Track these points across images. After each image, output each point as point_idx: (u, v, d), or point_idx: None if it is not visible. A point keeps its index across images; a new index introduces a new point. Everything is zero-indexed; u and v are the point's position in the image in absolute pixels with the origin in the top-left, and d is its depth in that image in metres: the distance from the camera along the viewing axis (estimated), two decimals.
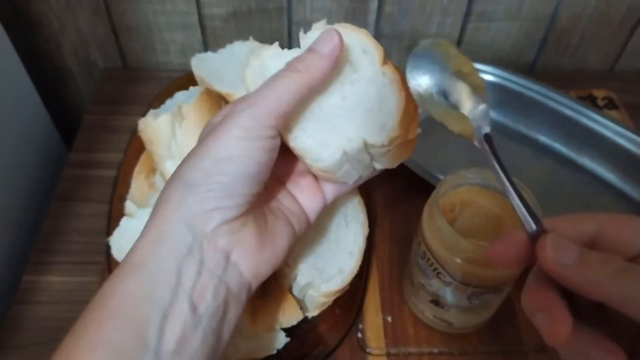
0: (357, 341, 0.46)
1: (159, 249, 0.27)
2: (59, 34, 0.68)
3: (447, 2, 0.65)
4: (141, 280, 0.26)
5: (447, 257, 0.39)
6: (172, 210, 0.27)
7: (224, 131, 0.28)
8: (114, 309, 0.25)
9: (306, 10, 0.66)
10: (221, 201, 0.27)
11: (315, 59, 0.29)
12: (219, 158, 0.27)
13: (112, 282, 0.26)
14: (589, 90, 0.67)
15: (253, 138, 0.28)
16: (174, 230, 0.27)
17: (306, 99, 0.30)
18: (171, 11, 0.66)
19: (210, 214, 0.27)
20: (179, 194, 0.28)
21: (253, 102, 0.28)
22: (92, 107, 0.66)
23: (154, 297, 0.25)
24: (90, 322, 0.25)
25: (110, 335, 0.24)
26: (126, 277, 0.26)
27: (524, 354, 0.46)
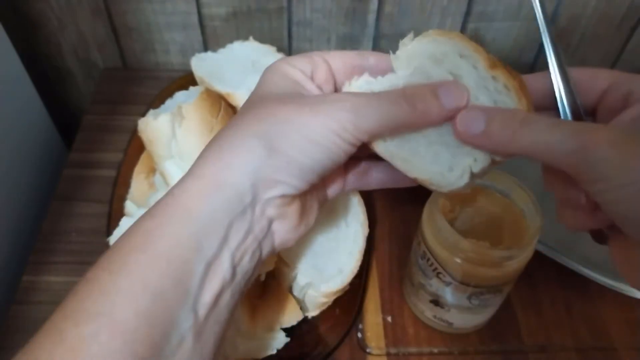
0: (357, 341, 0.46)
1: (216, 198, 0.26)
2: (59, 34, 0.68)
3: (447, 2, 0.65)
4: (192, 228, 0.25)
5: (447, 257, 0.39)
6: (244, 162, 0.26)
7: (324, 116, 0.27)
8: (160, 253, 0.24)
9: (306, 10, 0.66)
10: (291, 178, 0.27)
11: (436, 107, 0.27)
12: (310, 139, 0.26)
13: (159, 221, 0.25)
14: None
15: (344, 140, 0.27)
16: (238, 185, 0.26)
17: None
18: (171, 11, 0.66)
19: (276, 184, 0.27)
20: (258, 149, 0.26)
21: (359, 108, 0.27)
22: (92, 107, 0.66)
23: (201, 247, 0.25)
24: (132, 263, 0.24)
25: (153, 280, 0.23)
26: (176, 220, 0.25)
27: (524, 353, 0.46)
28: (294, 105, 0.27)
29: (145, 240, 0.25)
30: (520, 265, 0.38)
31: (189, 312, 0.24)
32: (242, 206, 0.26)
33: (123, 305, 0.23)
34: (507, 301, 0.47)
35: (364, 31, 0.68)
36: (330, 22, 0.67)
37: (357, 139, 0.27)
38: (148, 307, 0.23)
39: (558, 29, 0.69)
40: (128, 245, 0.25)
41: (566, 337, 0.47)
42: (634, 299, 0.45)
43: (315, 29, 0.68)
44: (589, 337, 0.47)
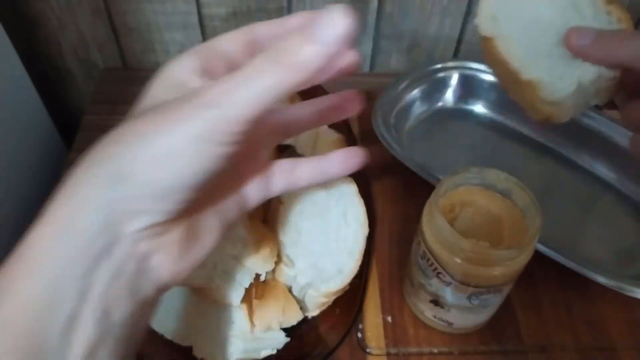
0: (357, 341, 0.46)
1: (66, 246, 0.21)
2: (59, 34, 0.68)
3: (447, 2, 0.65)
4: (39, 288, 0.21)
5: (447, 257, 0.39)
6: (89, 199, 0.22)
7: (176, 123, 0.22)
8: (8, 318, 0.21)
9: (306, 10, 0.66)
10: (153, 203, 0.22)
11: (310, 52, 0.21)
12: (163, 154, 0.22)
13: (9, 276, 0.21)
14: None
15: (213, 143, 0.22)
16: (89, 226, 0.22)
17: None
18: (171, 11, 0.66)
19: (136, 215, 0.22)
20: (102, 181, 0.22)
21: (220, 101, 0.22)
22: (92, 107, 0.66)
23: (55, 308, 0.21)
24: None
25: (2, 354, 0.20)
26: (20, 281, 0.21)
27: (524, 353, 0.46)
28: (148, 120, 0.23)
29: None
30: (520, 265, 0.38)
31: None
32: (101, 248, 0.22)
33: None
34: (507, 301, 0.47)
35: (364, 31, 0.68)
36: None
37: (231, 135, 0.22)
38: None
39: None
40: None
41: (566, 337, 0.47)
42: (634, 299, 0.45)
43: None
44: (589, 337, 0.47)
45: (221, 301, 0.41)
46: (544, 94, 0.32)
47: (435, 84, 0.62)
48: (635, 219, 0.54)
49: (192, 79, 0.25)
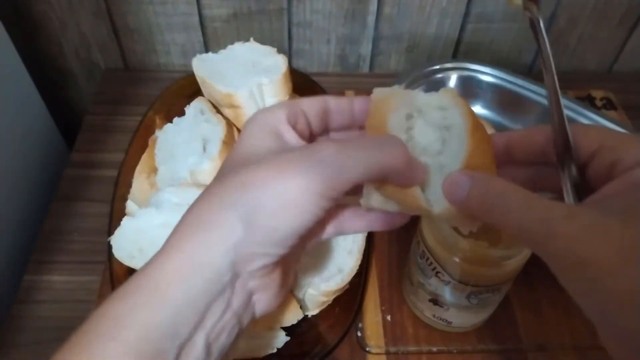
0: (356, 340, 0.47)
1: (193, 281, 0.24)
2: (61, 35, 0.68)
3: (446, 4, 0.66)
4: (165, 314, 0.23)
5: (446, 257, 0.39)
6: (222, 240, 0.24)
7: (297, 176, 0.24)
8: (129, 342, 0.22)
9: (306, 12, 0.66)
10: (272, 248, 0.25)
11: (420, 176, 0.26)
12: (284, 203, 0.24)
13: (131, 305, 0.23)
14: (587, 91, 0.68)
15: (325, 197, 0.24)
16: (217, 264, 0.24)
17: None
18: (172, 12, 0.66)
19: (256, 257, 0.25)
20: (236, 224, 0.24)
21: (339, 164, 0.24)
22: (94, 107, 0.67)
23: (175, 332, 0.23)
24: (99, 352, 0.22)
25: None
26: (149, 305, 0.23)
27: (523, 352, 0.46)
28: (269, 168, 0.25)
29: (115, 326, 0.23)
30: (519, 265, 0.39)
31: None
32: (221, 285, 0.24)
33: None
34: (506, 300, 0.47)
35: (364, 32, 0.69)
36: (330, 23, 0.68)
37: (343, 190, 0.25)
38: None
39: (557, 29, 0.69)
40: (96, 330, 0.23)
41: (564, 336, 0.47)
42: None
43: (315, 30, 0.68)
44: (587, 336, 0.47)
45: None
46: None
47: (434, 85, 0.62)
48: None
49: (286, 129, 0.28)
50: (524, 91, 0.61)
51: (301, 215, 0.24)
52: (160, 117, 0.55)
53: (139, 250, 0.41)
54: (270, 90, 0.46)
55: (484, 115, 0.63)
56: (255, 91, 0.46)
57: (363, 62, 0.73)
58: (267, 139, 0.27)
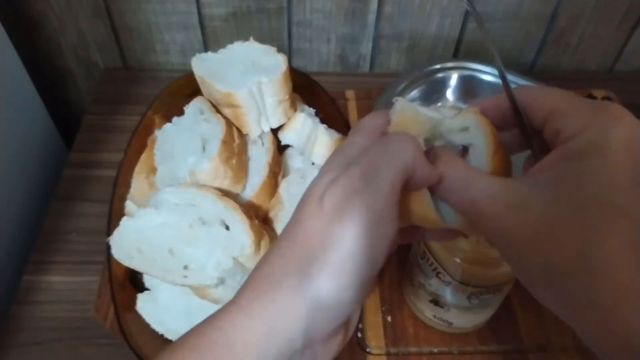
0: (357, 341, 0.46)
1: (268, 347, 0.23)
2: (60, 34, 0.68)
3: (447, 3, 0.65)
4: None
5: (447, 257, 0.39)
6: (297, 310, 0.24)
7: (351, 215, 0.23)
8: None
9: (306, 11, 0.66)
10: (345, 310, 0.25)
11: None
12: (357, 251, 0.23)
13: (203, 359, 0.23)
14: (588, 90, 0.67)
15: (383, 223, 0.24)
16: (292, 333, 0.24)
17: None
18: (171, 11, 0.66)
19: (329, 323, 0.25)
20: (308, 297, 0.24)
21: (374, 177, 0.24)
22: (93, 107, 0.66)
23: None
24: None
25: None
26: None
27: (523, 353, 0.46)
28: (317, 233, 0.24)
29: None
30: None
31: None
32: (292, 352, 0.24)
33: None
34: (507, 301, 0.47)
35: (364, 31, 0.69)
36: (330, 23, 0.67)
37: (394, 204, 0.25)
38: None
39: (557, 29, 0.69)
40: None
41: (565, 337, 0.47)
42: None
43: (315, 29, 0.68)
44: None
45: (222, 301, 0.41)
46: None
47: (434, 84, 0.62)
48: None
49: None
50: None
51: (369, 256, 0.24)
52: (160, 117, 0.54)
53: (138, 250, 0.41)
54: (270, 90, 0.46)
55: None
56: (254, 90, 0.46)
57: (363, 61, 0.72)
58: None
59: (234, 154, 0.45)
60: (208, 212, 0.41)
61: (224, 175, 0.43)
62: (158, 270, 0.40)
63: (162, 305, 0.43)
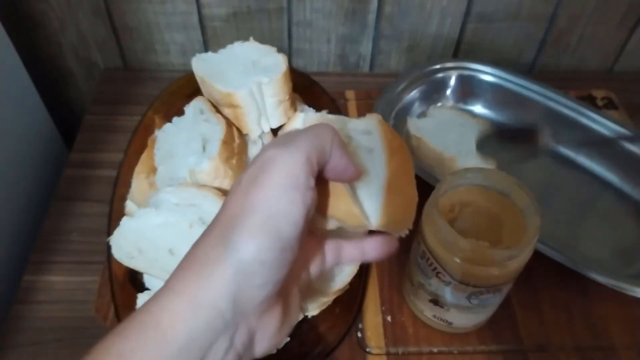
0: (357, 340, 0.46)
1: (195, 320, 0.24)
2: (60, 34, 0.68)
3: (447, 3, 0.65)
4: (166, 352, 0.23)
5: (447, 257, 0.39)
6: (221, 278, 0.24)
7: (266, 180, 0.25)
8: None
9: (306, 11, 0.66)
10: (271, 274, 0.25)
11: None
12: (273, 213, 0.25)
13: (133, 344, 0.23)
14: (588, 90, 0.67)
15: (298, 187, 0.25)
16: (219, 303, 0.24)
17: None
18: (171, 11, 0.66)
19: (257, 290, 0.25)
20: (231, 262, 0.24)
21: (300, 142, 0.26)
22: (93, 107, 0.66)
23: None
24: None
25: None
26: (150, 344, 0.23)
27: (523, 353, 0.46)
28: (243, 193, 0.26)
29: (121, 358, 0.23)
30: (520, 265, 0.39)
31: None
32: (223, 324, 0.24)
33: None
34: (507, 301, 0.47)
35: (364, 31, 0.69)
36: (330, 23, 0.67)
37: (312, 175, 0.26)
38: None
39: (557, 29, 0.69)
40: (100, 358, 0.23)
41: (565, 337, 0.47)
42: (634, 299, 0.45)
43: (315, 29, 0.68)
44: (588, 337, 0.47)
45: None
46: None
47: (434, 84, 0.62)
48: (635, 219, 0.54)
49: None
50: (525, 91, 0.61)
51: (289, 216, 0.25)
52: (160, 117, 0.54)
53: (138, 250, 0.41)
54: (270, 90, 0.46)
55: (485, 115, 0.63)
56: (255, 90, 0.46)
57: (363, 61, 0.72)
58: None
59: (234, 154, 0.45)
60: (208, 212, 0.41)
61: (224, 175, 0.43)
62: (158, 270, 0.40)
63: None
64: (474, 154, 0.54)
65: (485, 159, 0.53)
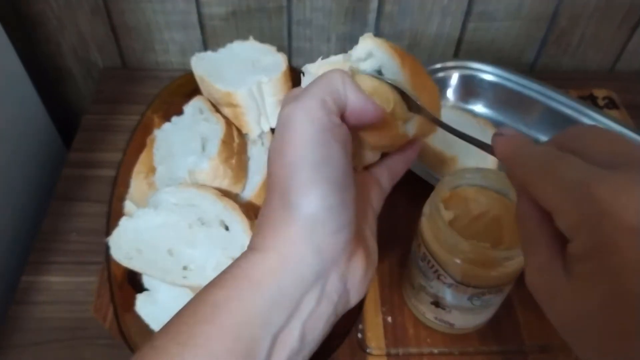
0: (357, 341, 0.46)
1: (284, 272, 0.25)
2: (59, 34, 0.68)
3: (448, 2, 0.65)
4: (260, 301, 0.25)
5: (447, 258, 0.38)
6: (298, 235, 0.26)
7: (294, 133, 0.26)
8: (228, 329, 0.24)
9: (306, 10, 0.66)
10: (341, 218, 0.26)
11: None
12: (315, 162, 0.25)
13: (228, 294, 0.25)
14: (589, 90, 0.67)
15: (324, 129, 0.26)
16: (303, 255, 0.25)
17: None
18: (171, 10, 0.65)
19: (335, 237, 0.26)
20: (300, 222, 0.25)
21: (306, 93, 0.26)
22: (92, 106, 0.66)
23: (270, 321, 0.25)
24: (200, 336, 0.24)
25: (221, 356, 0.23)
26: (245, 294, 0.25)
27: (524, 354, 0.46)
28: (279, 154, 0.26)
29: (213, 313, 0.24)
30: (521, 265, 0.38)
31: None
32: (314, 275, 0.26)
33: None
34: (508, 301, 0.47)
35: (364, 30, 0.68)
36: (330, 22, 0.67)
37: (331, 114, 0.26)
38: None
39: (558, 28, 0.69)
40: (196, 316, 0.25)
41: None
42: None
43: (315, 28, 0.68)
44: None
45: None
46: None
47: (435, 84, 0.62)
48: None
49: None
50: (526, 90, 0.61)
51: (333, 160, 0.25)
52: (159, 116, 0.54)
53: (137, 250, 0.40)
54: (269, 89, 0.46)
55: (486, 115, 0.62)
56: (254, 90, 0.46)
57: None
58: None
59: (234, 153, 0.45)
60: (207, 212, 0.40)
61: (223, 175, 0.43)
62: (157, 270, 0.40)
63: (161, 306, 0.42)
64: (475, 154, 0.54)
65: None
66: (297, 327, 0.25)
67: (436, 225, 0.38)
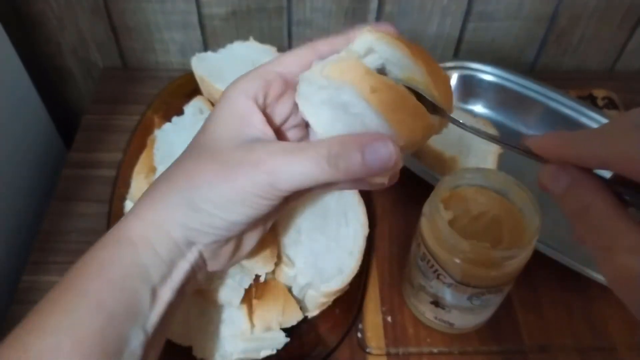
0: (357, 341, 0.46)
1: (157, 240, 0.29)
2: (59, 34, 0.68)
3: (447, 2, 0.65)
4: (139, 261, 0.28)
5: (447, 258, 0.38)
6: (173, 217, 0.29)
7: (236, 181, 0.28)
8: (113, 281, 0.28)
9: (306, 10, 0.66)
10: (216, 231, 0.29)
11: (359, 166, 0.27)
12: (231, 200, 0.28)
13: (111, 252, 0.29)
14: (589, 90, 0.67)
15: (265, 198, 0.28)
16: (172, 233, 0.29)
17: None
18: (171, 11, 0.65)
19: (204, 235, 0.30)
20: (183, 207, 0.29)
21: (277, 172, 0.27)
22: (92, 106, 0.66)
23: (149, 277, 0.28)
24: (90, 288, 0.27)
25: (108, 304, 0.27)
26: (125, 253, 0.28)
27: (524, 353, 0.46)
28: (218, 168, 0.29)
29: (100, 268, 0.28)
30: (520, 265, 0.38)
31: (140, 331, 0.28)
32: (179, 249, 0.29)
33: (82, 324, 0.26)
34: (508, 301, 0.47)
35: None
36: (330, 22, 0.67)
37: (278, 197, 0.28)
38: (103, 326, 0.26)
39: (558, 28, 0.69)
40: (86, 271, 0.28)
41: (566, 337, 0.47)
42: None
43: (315, 28, 0.68)
44: (589, 337, 0.47)
45: (221, 302, 0.41)
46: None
47: None
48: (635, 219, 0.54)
49: (253, 113, 0.30)
50: (526, 90, 0.61)
51: (244, 209, 0.29)
52: (159, 116, 0.54)
53: None
54: None
55: (485, 115, 0.62)
56: None
57: None
58: (233, 126, 0.30)
59: None
60: None
61: None
62: None
63: None
64: (474, 153, 0.54)
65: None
66: (170, 287, 0.29)
67: (436, 225, 0.38)
